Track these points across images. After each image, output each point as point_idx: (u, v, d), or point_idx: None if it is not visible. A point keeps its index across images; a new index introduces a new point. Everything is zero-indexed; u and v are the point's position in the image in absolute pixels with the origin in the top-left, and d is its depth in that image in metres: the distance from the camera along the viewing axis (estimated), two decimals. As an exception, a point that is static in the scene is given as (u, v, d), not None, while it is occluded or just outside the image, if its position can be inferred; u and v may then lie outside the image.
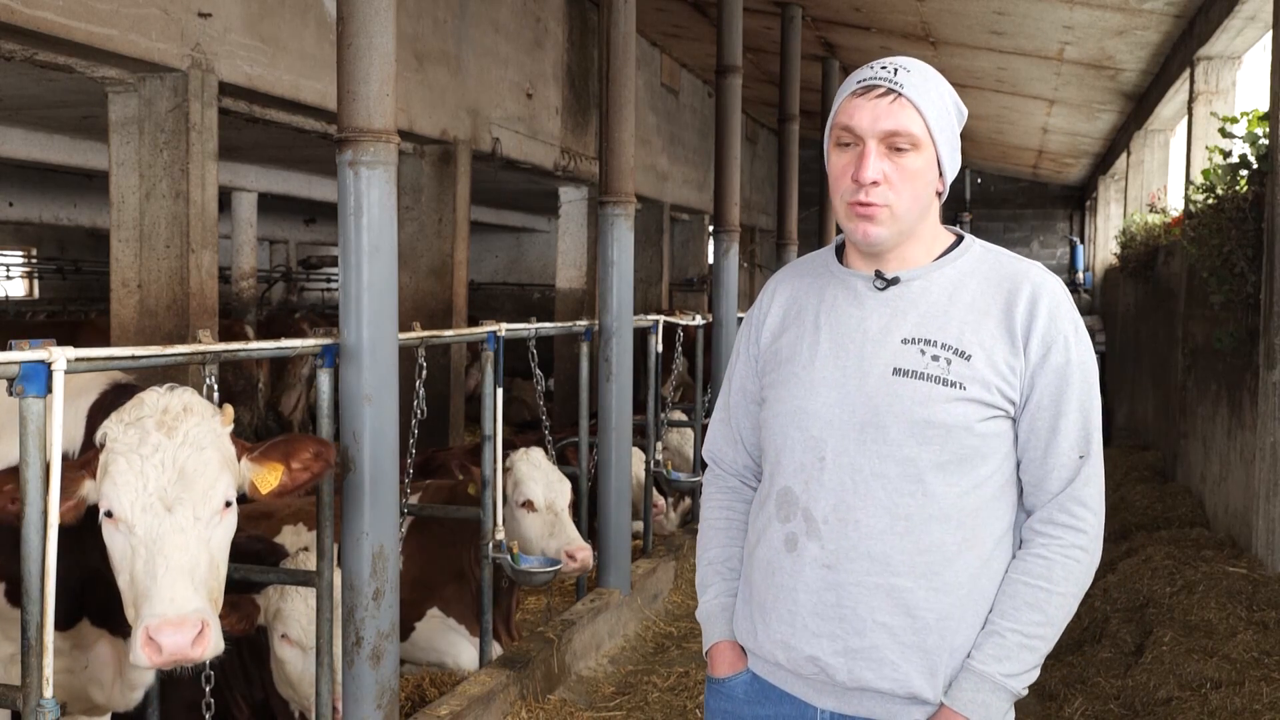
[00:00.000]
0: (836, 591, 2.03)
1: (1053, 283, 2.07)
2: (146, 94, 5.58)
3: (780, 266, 10.65)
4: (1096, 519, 2.04)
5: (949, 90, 2.08)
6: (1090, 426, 2.03)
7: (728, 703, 2.21)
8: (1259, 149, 6.26)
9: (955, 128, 2.09)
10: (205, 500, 2.73)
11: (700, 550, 2.35)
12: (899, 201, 2.03)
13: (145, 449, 2.70)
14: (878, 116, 2.01)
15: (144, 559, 2.64)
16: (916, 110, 2.01)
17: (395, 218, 3.88)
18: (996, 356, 2.01)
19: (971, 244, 2.15)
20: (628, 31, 6.09)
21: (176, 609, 2.59)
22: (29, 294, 20.44)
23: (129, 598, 2.68)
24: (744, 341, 2.29)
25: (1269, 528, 5.83)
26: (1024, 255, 2.15)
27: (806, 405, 2.08)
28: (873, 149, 2.01)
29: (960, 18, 10.04)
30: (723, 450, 2.35)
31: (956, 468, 2.00)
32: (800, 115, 10.81)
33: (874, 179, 2.01)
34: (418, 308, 8.18)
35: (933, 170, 2.06)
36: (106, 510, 2.69)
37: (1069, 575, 2.01)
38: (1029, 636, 2.00)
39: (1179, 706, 4.39)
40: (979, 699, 1.99)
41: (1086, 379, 2.03)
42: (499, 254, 22.29)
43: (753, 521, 2.20)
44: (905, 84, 2.02)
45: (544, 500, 5.20)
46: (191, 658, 2.60)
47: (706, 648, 2.29)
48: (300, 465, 3.05)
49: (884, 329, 2.06)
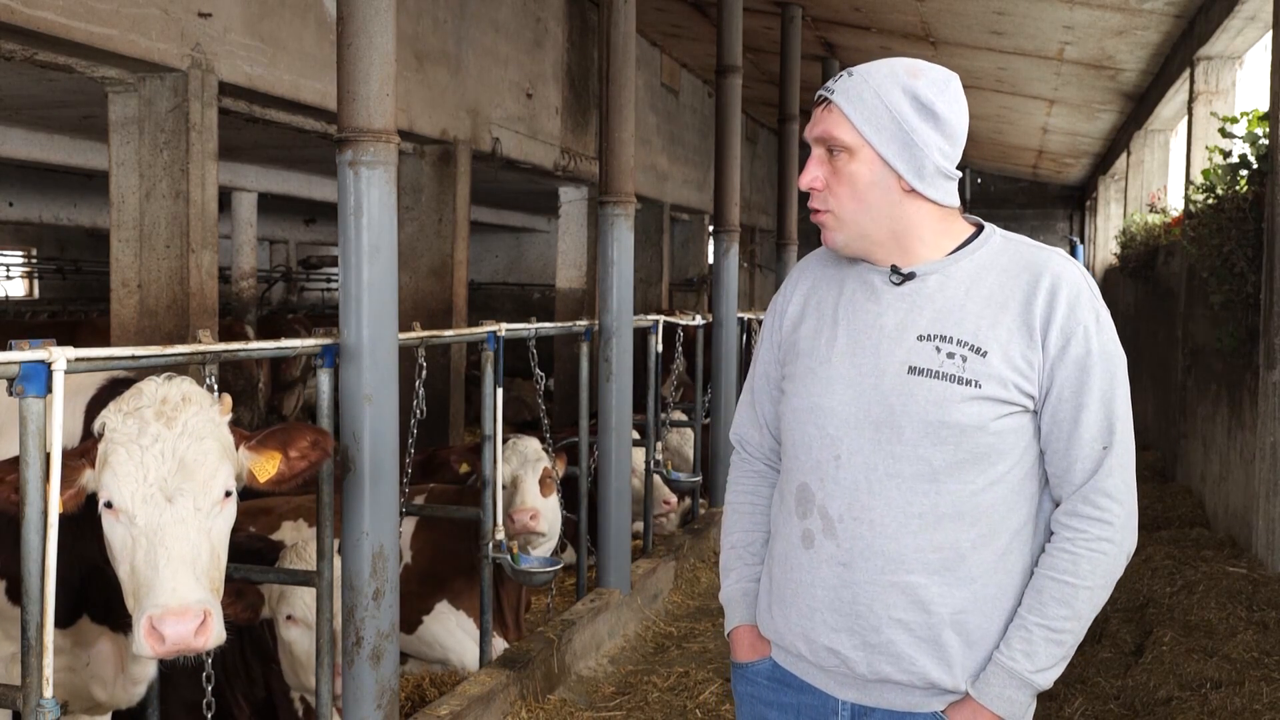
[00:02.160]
0: (852, 589, 2.04)
1: (1074, 271, 2.04)
2: (146, 94, 5.58)
3: (780, 267, 10.68)
4: (1124, 509, 2.02)
5: (897, 87, 2.03)
6: (1114, 417, 2.01)
7: (753, 688, 2.24)
8: (1259, 149, 6.27)
9: (905, 124, 2.02)
10: (206, 490, 2.73)
11: (725, 534, 2.38)
12: (839, 206, 2.07)
13: (145, 439, 2.70)
14: (814, 124, 2.08)
15: (145, 549, 2.64)
16: (843, 114, 2.05)
17: (395, 218, 3.88)
18: (1013, 351, 2.00)
19: (991, 234, 2.13)
20: (628, 31, 6.09)
21: (179, 599, 2.59)
22: (29, 294, 20.45)
23: (129, 588, 2.68)
24: (768, 327, 2.32)
25: (1269, 528, 5.83)
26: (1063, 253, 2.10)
27: (822, 402, 2.09)
28: (815, 156, 2.09)
29: (960, 18, 10.05)
30: (749, 433, 2.36)
31: (972, 466, 2.00)
32: (800, 115, 10.79)
33: (810, 185, 2.09)
34: (418, 308, 8.18)
35: (877, 170, 2.04)
36: (107, 501, 2.68)
37: (1095, 568, 2.00)
38: (1056, 631, 2.00)
39: (1179, 706, 4.39)
40: (1006, 694, 2.01)
41: (1109, 369, 2.02)
42: (499, 254, 22.30)
43: (774, 513, 2.23)
44: (837, 90, 2.07)
45: (509, 477, 5.32)
46: (194, 647, 2.61)
47: (728, 630, 2.32)
48: (298, 454, 3.05)
49: (900, 325, 2.06)
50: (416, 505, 5.15)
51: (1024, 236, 2.14)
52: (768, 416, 2.31)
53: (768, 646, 2.23)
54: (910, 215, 2.08)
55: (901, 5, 10.06)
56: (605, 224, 6.11)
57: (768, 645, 2.23)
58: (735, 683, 2.30)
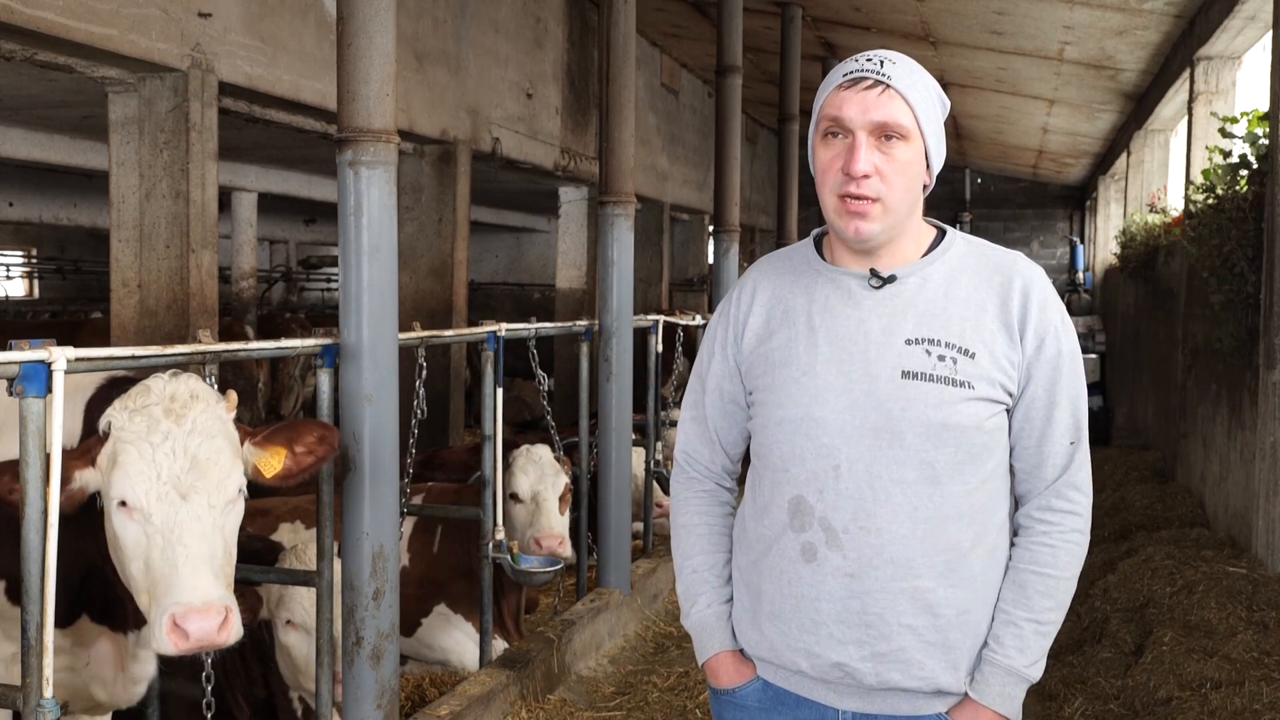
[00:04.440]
0: (861, 599, 2.01)
1: (1039, 274, 2.09)
2: (146, 94, 5.58)
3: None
4: (1088, 500, 2.09)
5: (933, 82, 2.08)
6: (1079, 414, 2.07)
7: (742, 713, 2.17)
8: (1259, 149, 6.26)
9: (940, 119, 2.08)
10: (220, 489, 2.74)
11: (681, 558, 2.27)
12: (890, 194, 2.01)
13: (155, 437, 2.69)
14: (867, 108, 1.99)
15: (161, 547, 2.64)
16: (905, 101, 2.00)
17: (395, 218, 3.88)
18: (997, 351, 2.02)
19: (954, 237, 2.13)
20: (628, 31, 6.09)
21: (202, 596, 2.60)
22: (29, 294, 20.43)
23: (142, 585, 2.67)
24: (718, 341, 2.22)
25: (1269, 528, 5.83)
26: (1024, 255, 2.15)
27: (813, 413, 2.04)
28: (863, 141, 1.99)
29: (960, 18, 10.05)
30: (698, 451, 2.29)
31: (969, 466, 2.01)
32: (800, 115, 10.79)
33: (865, 171, 1.99)
34: (418, 308, 8.18)
35: (921, 162, 2.05)
36: (119, 500, 2.68)
37: (1071, 559, 2.06)
38: (1043, 624, 2.04)
39: (1179, 706, 4.38)
40: (1006, 692, 2.02)
41: (1075, 368, 2.07)
42: (499, 254, 22.29)
43: (754, 528, 2.14)
44: (892, 76, 2.00)
45: (529, 491, 5.24)
46: (217, 643, 2.63)
47: (704, 659, 2.23)
48: (304, 449, 3.04)
49: (885, 330, 2.04)
50: (416, 505, 5.15)
51: (976, 237, 2.16)
52: (721, 434, 2.25)
53: (752, 668, 2.17)
54: (917, 212, 2.11)
55: (901, 5, 10.06)
56: (605, 224, 6.11)
57: (751, 667, 2.17)
58: (720, 709, 2.21)
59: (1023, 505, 2.10)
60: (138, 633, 3.12)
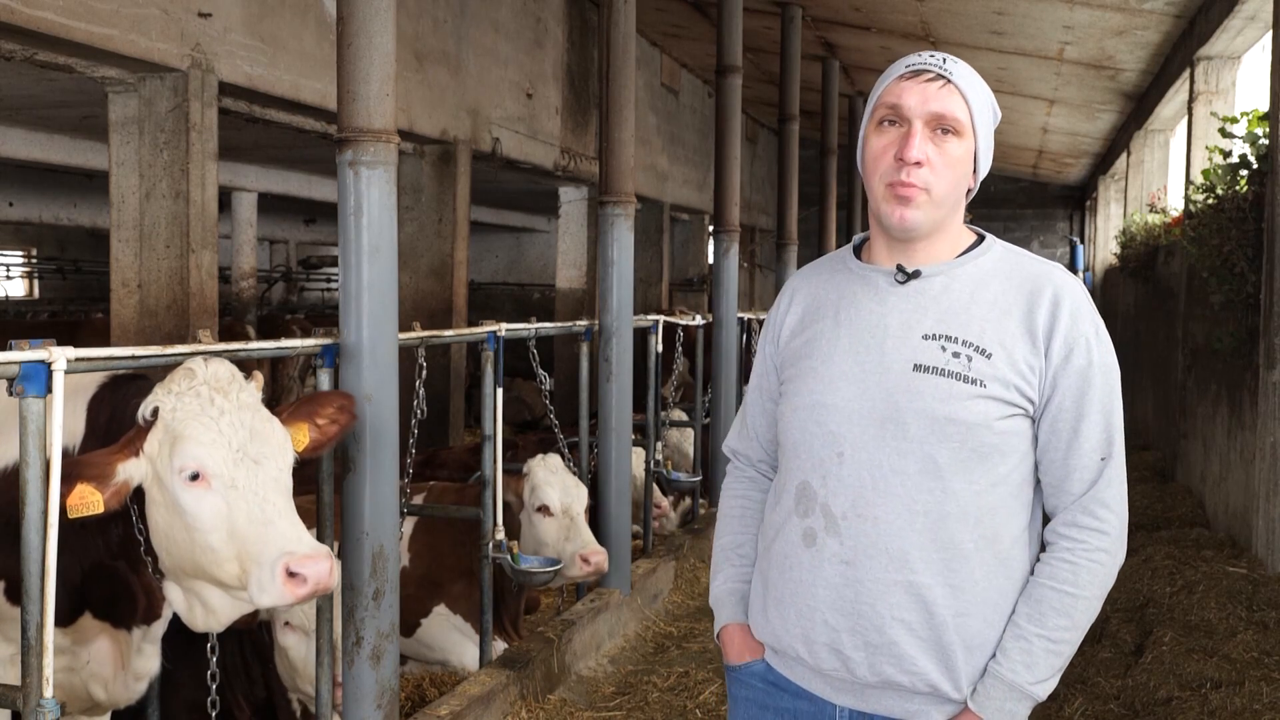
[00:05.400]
0: (855, 588, 2.02)
1: (1075, 285, 2.07)
2: (146, 94, 5.59)
3: (780, 266, 10.68)
4: (1119, 520, 2.04)
5: (989, 91, 2.11)
6: (1112, 429, 2.03)
7: (749, 690, 2.22)
8: (1259, 149, 6.26)
9: (992, 126, 2.10)
10: (283, 454, 2.86)
11: (716, 537, 2.39)
12: (938, 185, 2.03)
13: (213, 410, 2.78)
14: (927, 99, 2.02)
15: (248, 509, 2.71)
16: (963, 98, 2.03)
17: (395, 218, 3.88)
18: (1017, 355, 2.01)
19: (993, 244, 2.15)
20: (628, 31, 6.09)
21: (309, 544, 2.72)
22: (29, 294, 20.45)
23: (227, 553, 2.72)
24: (764, 341, 2.32)
25: (1269, 528, 5.83)
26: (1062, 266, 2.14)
27: (824, 399, 2.08)
28: (919, 130, 2.02)
29: (960, 18, 10.05)
30: (737, 444, 2.40)
31: (976, 465, 2.00)
32: (800, 115, 10.80)
33: (918, 159, 2.01)
34: (418, 308, 8.18)
35: (970, 162, 2.07)
36: (191, 474, 2.72)
37: (1094, 579, 2.01)
38: (1055, 642, 1.99)
39: (1179, 706, 4.38)
40: (1006, 707, 1.99)
41: (1108, 381, 2.04)
42: (499, 254, 22.30)
43: (769, 515, 2.20)
44: (954, 73, 2.05)
45: (560, 505, 5.14)
46: (329, 586, 2.73)
47: (716, 630, 2.32)
48: (326, 420, 3.15)
49: (905, 324, 2.06)
50: (416, 505, 5.14)
51: (1019, 248, 2.17)
52: (757, 429, 2.33)
53: (760, 648, 2.21)
54: (958, 213, 2.12)
55: (901, 5, 10.06)
56: (605, 224, 6.10)
57: (760, 647, 2.22)
58: (731, 685, 2.28)
59: (1051, 520, 2.07)
60: (144, 628, 3.14)
